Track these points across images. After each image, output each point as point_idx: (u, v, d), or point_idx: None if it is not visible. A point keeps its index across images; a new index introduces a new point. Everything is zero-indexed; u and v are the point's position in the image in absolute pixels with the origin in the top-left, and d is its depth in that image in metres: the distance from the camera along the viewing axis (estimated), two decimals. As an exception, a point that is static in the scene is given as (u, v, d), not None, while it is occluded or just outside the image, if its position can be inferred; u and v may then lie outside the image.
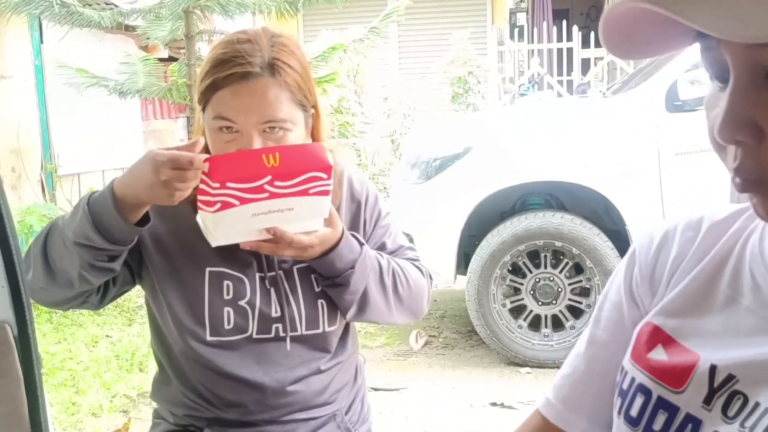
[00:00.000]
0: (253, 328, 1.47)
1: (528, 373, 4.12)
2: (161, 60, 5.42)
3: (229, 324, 1.46)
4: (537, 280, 4.23)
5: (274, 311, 1.48)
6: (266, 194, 1.28)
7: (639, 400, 0.77)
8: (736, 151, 0.63)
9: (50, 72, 6.03)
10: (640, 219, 3.97)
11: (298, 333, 1.49)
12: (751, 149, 0.62)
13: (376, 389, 3.89)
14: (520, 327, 4.23)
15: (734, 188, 0.66)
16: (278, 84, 1.36)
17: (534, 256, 4.22)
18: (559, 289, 4.21)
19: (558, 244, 4.14)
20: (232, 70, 1.34)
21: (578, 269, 4.18)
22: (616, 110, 4.32)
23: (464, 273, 4.33)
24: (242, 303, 1.46)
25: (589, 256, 4.08)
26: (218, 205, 1.27)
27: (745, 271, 0.76)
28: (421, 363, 4.38)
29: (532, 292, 4.24)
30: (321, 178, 1.31)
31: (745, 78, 0.61)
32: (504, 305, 4.24)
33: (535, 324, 4.25)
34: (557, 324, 4.24)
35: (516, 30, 10.50)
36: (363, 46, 5.25)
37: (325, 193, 1.34)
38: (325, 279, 1.48)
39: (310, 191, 1.32)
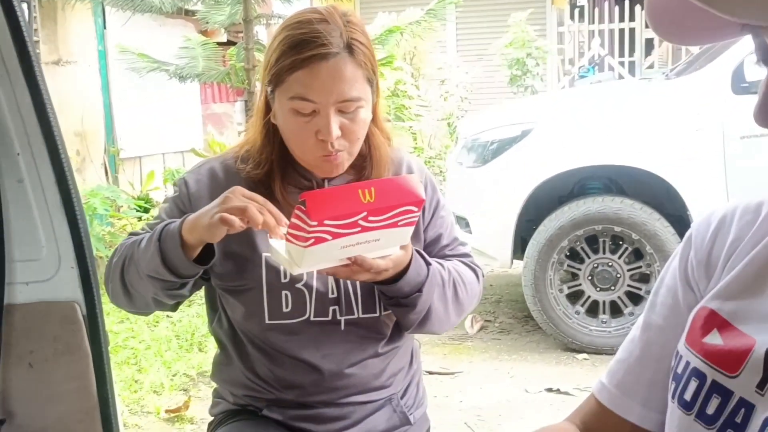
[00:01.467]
0: (310, 310, 1.48)
1: (585, 359, 4.07)
2: (220, 44, 5.49)
3: (287, 307, 1.48)
4: (595, 265, 4.17)
5: (331, 292, 1.49)
6: (359, 228, 1.28)
7: (693, 384, 0.77)
8: None
9: (113, 57, 6.16)
10: (703, 204, 3.87)
11: (355, 316, 1.50)
12: None
13: (431, 373, 3.90)
14: (577, 313, 4.19)
15: None
16: (355, 63, 1.38)
17: (592, 241, 4.17)
18: (618, 275, 4.15)
19: (617, 229, 4.07)
20: (314, 51, 1.35)
21: (638, 255, 4.11)
22: (679, 92, 4.22)
23: (521, 258, 4.29)
24: (299, 285, 1.48)
25: (649, 241, 4.01)
26: (311, 241, 1.25)
27: None
28: (476, 348, 4.37)
29: (590, 278, 4.19)
30: (412, 211, 1.31)
31: None
32: (561, 291, 4.20)
33: (593, 310, 4.20)
34: (615, 310, 4.18)
35: (577, 10, 10.33)
36: (420, 29, 5.23)
37: (413, 224, 1.34)
38: (389, 299, 1.48)
39: (399, 223, 1.31)
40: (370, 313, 1.51)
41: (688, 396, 0.77)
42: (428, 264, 1.48)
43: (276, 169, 1.48)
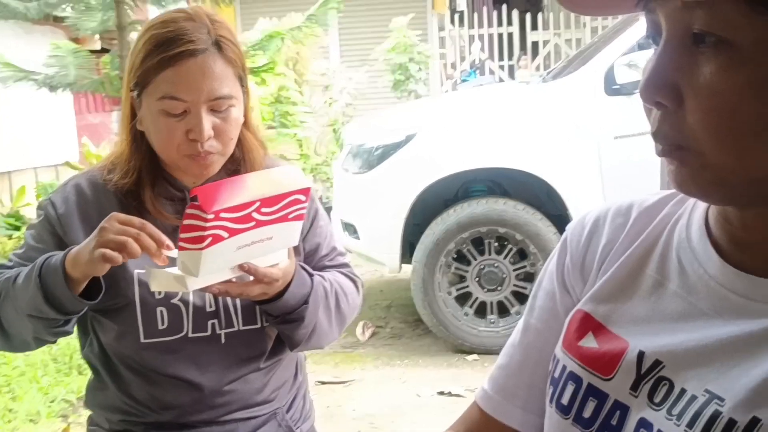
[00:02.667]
0: (188, 326, 1.43)
1: (475, 360, 4.12)
2: (94, 52, 5.26)
3: (163, 324, 1.41)
4: (482, 267, 4.23)
5: (209, 306, 1.43)
6: (253, 223, 1.22)
7: (570, 388, 0.77)
8: (655, 115, 0.64)
9: (-24, 66, 5.80)
10: (582, 203, 4.00)
11: (235, 329, 1.45)
12: (669, 113, 0.63)
13: (323, 383, 3.86)
14: (466, 314, 4.24)
15: (663, 166, 0.66)
16: (225, 59, 1.35)
17: (478, 243, 4.23)
18: (504, 276, 4.22)
19: (502, 230, 4.15)
20: (182, 48, 1.31)
21: (522, 255, 4.20)
22: (555, 95, 4.34)
23: (409, 262, 4.31)
24: (175, 301, 1.41)
25: (533, 241, 4.10)
26: (209, 240, 1.18)
27: (672, 256, 0.76)
28: (368, 354, 4.35)
29: (477, 279, 4.25)
30: (300, 201, 1.28)
31: (675, 40, 0.62)
32: (450, 293, 4.24)
33: (481, 311, 4.25)
34: (503, 310, 4.25)
35: (457, 15, 10.52)
36: (301, 34, 5.17)
37: (301, 217, 1.30)
38: (275, 317, 1.43)
39: (290, 216, 1.28)
40: (251, 325, 1.46)
41: (565, 400, 0.77)
42: (311, 275, 1.45)
43: (145, 177, 1.43)
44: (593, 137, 4.05)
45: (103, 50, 6.49)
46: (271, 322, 1.45)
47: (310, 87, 7.00)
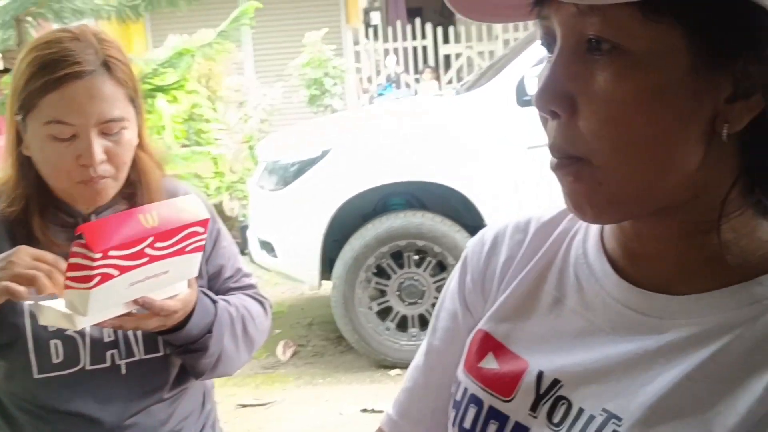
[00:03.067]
0: (85, 358, 1.35)
1: (398, 374, 4.09)
2: (-5, 72, 5.05)
3: (58, 357, 1.34)
4: (402, 280, 4.21)
5: (107, 335, 1.36)
6: (146, 258, 1.16)
7: (472, 411, 0.75)
8: (550, 126, 0.63)
9: None
10: (497, 214, 4.02)
11: (136, 358, 1.38)
12: (564, 123, 0.61)
13: (243, 406, 3.77)
14: (387, 329, 4.21)
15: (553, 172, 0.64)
16: (114, 80, 1.30)
17: (398, 256, 4.21)
18: (424, 288, 4.21)
19: (420, 243, 4.14)
20: (67, 70, 1.25)
21: (441, 267, 4.20)
22: (469, 107, 4.37)
23: (329, 278, 4.26)
24: (70, 333, 1.33)
25: (451, 253, 4.11)
26: (97, 279, 1.12)
27: (569, 272, 0.75)
28: (290, 374, 4.28)
29: (398, 293, 4.23)
30: (198, 233, 1.23)
31: (570, 48, 0.61)
32: (371, 308, 4.21)
33: (403, 325, 4.24)
34: (424, 323, 4.23)
35: (371, 29, 10.56)
36: (213, 51, 5.08)
37: (200, 249, 1.25)
38: (178, 347, 1.37)
39: (187, 249, 1.22)
40: (153, 353, 1.40)
41: (467, 423, 0.75)
42: (214, 302, 1.40)
43: (33, 205, 1.35)
44: (507, 148, 4.09)
45: (6, 70, 6.24)
46: (174, 352, 1.39)
47: (224, 104, 6.89)
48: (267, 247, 4.38)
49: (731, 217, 0.63)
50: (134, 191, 1.39)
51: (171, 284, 1.27)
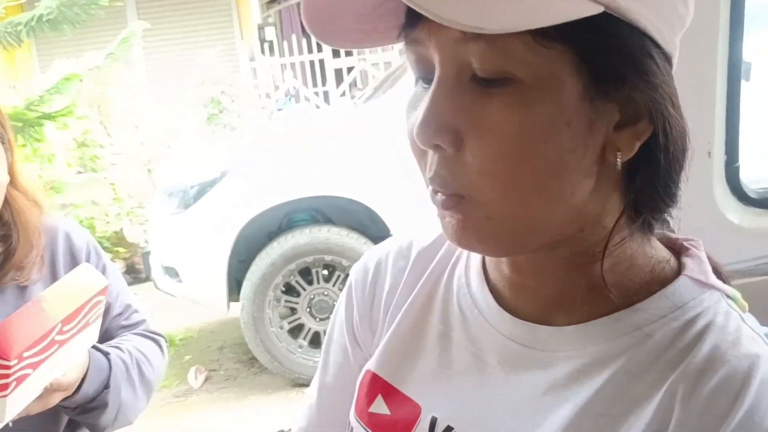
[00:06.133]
0: None
1: (314, 392, 4.05)
2: None
3: None
4: (312, 297, 4.18)
5: None
6: (56, 346, 1.11)
7: None
8: (432, 159, 0.59)
9: None
10: (403, 224, 4.03)
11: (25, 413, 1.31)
12: (448, 157, 0.58)
13: (156, 438, 3.65)
14: (300, 347, 4.16)
15: (436, 206, 0.61)
16: None
17: (306, 273, 4.17)
18: (335, 303, 4.16)
19: (328, 258, 4.12)
20: None
21: (351, 280, 4.18)
22: (368, 118, 4.37)
23: (237, 300, 4.19)
24: None
25: (360, 266, 4.09)
26: (13, 385, 1.05)
27: (453, 303, 0.71)
28: (203, 401, 4.17)
29: (308, 310, 4.19)
30: (99, 302, 1.19)
31: (451, 78, 0.57)
32: (282, 327, 4.15)
33: (316, 341, 4.19)
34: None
35: (266, 45, 10.46)
36: (103, 74, 4.93)
37: (101, 314, 1.21)
38: (74, 409, 1.31)
39: (91, 320, 1.18)
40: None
41: None
42: (106, 354, 1.34)
43: None
44: (407, 157, 4.09)
45: None
46: (71, 415, 1.32)
47: (118, 127, 6.70)
48: (171, 272, 4.27)
49: (615, 247, 0.62)
50: (8, 232, 1.32)
51: (76, 354, 1.23)
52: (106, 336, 1.39)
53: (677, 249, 0.67)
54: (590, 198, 0.60)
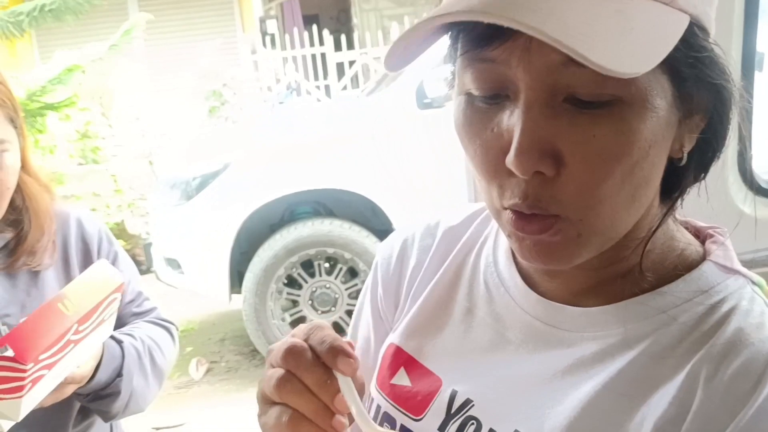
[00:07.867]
0: None
1: (315, 384, 4.04)
2: None
3: None
4: (314, 289, 4.18)
5: None
6: (71, 346, 1.11)
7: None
8: (524, 183, 0.56)
9: None
10: (404, 217, 4.03)
11: None
12: (547, 181, 0.56)
13: (157, 429, 3.65)
14: (302, 339, 4.16)
15: (507, 223, 0.59)
16: None
17: (308, 265, 4.17)
18: (337, 296, 4.19)
19: (330, 250, 4.11)
20: None
21: (353, 273, 4.19)
22: (371, 112, 4.37)
23: (239, 292, 4.19)
24: None
25: (362, 258, 4.09)
26: (29, 386, 1.05)
27: (479, 280, 0.73)
28: (204, 393, 4.17)
29: (310, 302, 4.19)
30: (116, 299, 1.19)
31: (542, 100, 0.55)
32: (283, 319, 4.15)
33: (317, 334, 4.19)
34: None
35: (268, 38, 10.44)
36: (105, 66, 4.91)
37: (115, 310, 1.22)
38: (86, 396, 1.31)
39: (107, 317, 1.18)
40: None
41: None
42: (119, 342, 1.34)
43: None
44: (410, 150, 4.10)
45: None
46: (83, 402, 1.33)
47: (120, 119, 6.69)
48: (173, 264, 4.27)
49: (653, 233, 0.63)
50: (20, 217, 1.32)
51: (89, 350, 1.23)
52: (117, 323, 1.39)
53: (702, 236, 0.68)
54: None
